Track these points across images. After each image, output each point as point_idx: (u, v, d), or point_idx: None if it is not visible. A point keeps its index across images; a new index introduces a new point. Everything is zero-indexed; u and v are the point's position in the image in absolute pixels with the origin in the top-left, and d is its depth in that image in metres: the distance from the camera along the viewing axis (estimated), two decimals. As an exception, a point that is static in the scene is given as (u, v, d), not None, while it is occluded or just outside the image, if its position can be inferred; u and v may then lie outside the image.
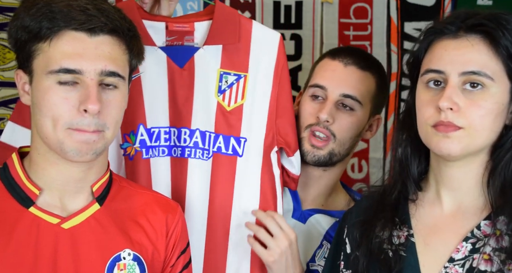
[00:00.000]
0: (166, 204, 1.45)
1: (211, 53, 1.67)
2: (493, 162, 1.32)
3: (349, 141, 1.77)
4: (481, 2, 2.55)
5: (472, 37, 1.29)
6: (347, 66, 1.77)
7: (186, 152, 1.66)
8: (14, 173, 1.33)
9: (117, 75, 1.29)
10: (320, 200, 1.83)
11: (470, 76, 1.27)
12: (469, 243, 1.29)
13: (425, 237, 1.35)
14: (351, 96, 1.74)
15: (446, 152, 1.28)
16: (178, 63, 1.66)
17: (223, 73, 1.68)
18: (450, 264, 1.29)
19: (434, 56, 1.32)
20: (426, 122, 1.30)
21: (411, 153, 1.40)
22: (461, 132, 1.27)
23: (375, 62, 1.86)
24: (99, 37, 1.28)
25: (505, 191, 1.30)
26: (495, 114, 1.28)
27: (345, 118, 1.75)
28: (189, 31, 1.66)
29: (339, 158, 1.78)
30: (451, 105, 1.26)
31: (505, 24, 1.29)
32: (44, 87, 1.26)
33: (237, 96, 1.69)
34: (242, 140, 1.68)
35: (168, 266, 1.43)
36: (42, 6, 1.26)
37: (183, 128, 1.66)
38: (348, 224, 1.46)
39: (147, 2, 1.66)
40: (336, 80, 1.76)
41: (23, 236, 1.28)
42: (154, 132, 1.64)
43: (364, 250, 1.38)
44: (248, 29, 1.70)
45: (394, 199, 1.40)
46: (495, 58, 1.28)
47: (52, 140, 1.27)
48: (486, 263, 1.26)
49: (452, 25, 1.31)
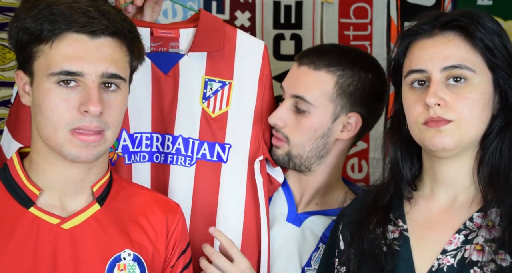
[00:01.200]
0: (166, 204, 1.46)
1: (196, 60, 1.68)
2: (482, 152, 1.34)
3: (308, 143, 1.71)
4: (481, 2, 2.54)
5: (448, 33, 1.32)
6: (300, 66, 1.72)
7: (169, 158, 1.67)
8: (14, 174, 1.34)
9: (118, 77, 1.30)
10: (314, 200, 1.80)
11: (451, 70, 1.30)
12: (461, 234, 1.31)
13: (419, 232, 1.36)
14: (299, 96, 1.69)
15: (440, 146, 1.30)
16: (162, 69, 1.66)
17: (208, 80, 1.69)
18: (442, 255, 1.31)
19: (413, 57, 1.35)
20: (416, 120, 1.32)
21: (402, 157, 1.42)
22: (452, 125, 1.29)
23: (339, 59, 1.72)
24: (100, 39, 1.28)
25: (493, 179, 1.32)
26: (482, 105, 1.31)
27: (297, 121, 1.70)
28: (174, 37, 1.66)
29: (304, 160, 1.73)
30: (438, 100, 1.29)
31: (477, 19, 1.32)
32: (45, 89, 1.27)
33: (222, 103, 1.70)
34: (226, 146, 1.69)
35: (168, 266, 1.43)
36: (43, 7, 1.27)
37: (166, 135, 1.67)
38: (342, 222, 1.49)
39: (130, 11, 1.67)
40: (289, 81, 1.73)
41: (23, 236, 1.28)
42: (137, 138, 1.65)
43: (355, 249, 1.40)
44: (232, 37, 1.71)
45: (387, 201, 1.42)
46: (473, 51, 1.31)
47: (53, 141, 1.28)
48: (478, 253, 1.28)
49: (426, 25, 1.34)
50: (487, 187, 1.33)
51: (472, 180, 1.35)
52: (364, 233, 1.40)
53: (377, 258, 1.36)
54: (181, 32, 1.67)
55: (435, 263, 1.31)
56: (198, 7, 2.54)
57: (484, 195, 1.33)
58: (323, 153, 1.75)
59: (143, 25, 1.63)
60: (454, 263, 1.29)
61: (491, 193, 1.32)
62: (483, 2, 2.54)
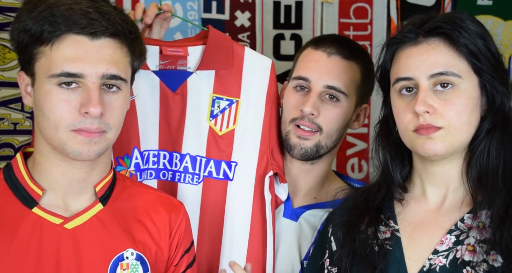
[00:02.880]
0: (170, 203, 1.46)
1: (204, 78, 1.68)
2: (470, 153, 1.37)
3: (336, 133, 1.74)
4: (481, 2, 2.55)
5: (432, 41, 1.34)
6: (331, 56, 1.73)
7: (176, 176, 1.67)
8: (18, 174, 1.34)
9: (119, 78, 1.30)
10: (312, 193, 1.82)
11: (438, 77, 1.32)
12: (453, 235, 1.33)
13: (410, 232, 1.38)
14: (335, 87, 1.71)
15: (432, 152, 1.32)
16: (170, 87, 1.67)
17: (216, 98, 1.69)
18: (434, 255, 1.33)
19: (400, 65, 1.36)
20: (406, 128, 1.35)
21: (392, 160, 1.44)
22: (442, 131, 1.31)
23: (360, 50, 1.81)
24: (101, 41, 1.28)
25: (482, 181, 1.34)
26: (470, 109, 1.33)
27: (330, 110, 1.72)
28: (182, 55, 1.67)
29: (326, 150, 1.75)
30: (427, 108, 1.31)
31: (460, 23, 1.34)
32: (46, 90, 1.27)
33: (229, 121, 1.70)
34: (233, 164, 1.69)
35: (171, 265, 1.43)
36: (43, 9, 1.27)
37: (174, 152, 1.67)
38: (332, 223, 1.50)
39: (139, 28, 1.67)
40: (320, 71, 1.72)
41: (26, 236, 1.29)
42: (145, 155, 1.66)
43: (346, 249, 1.42)
44: (240, 55, 1.71)
45: (378, 202, 1.44)
46: (458, 56, 1.33)
47: (55, 140, 1.29)
48: (470, 254, 1.30)
49: (410, 33, 1.36)
50: (476, 189, 1.35)
51: (461, 181, 1.37)
52: (356, 233, 1.41)
53: (369, 257, 1.37)
54: (190, 50, 1.68)
55: (426, 263, 1.33)
56: (198, 7, 2.54)
57: (473, 196, 1.35)
58: (338, 143, 1.79)
59: (152, 43, 1.64)
60: (446, 264, 1.31)
61: (480, 194, 1.34)
62: (483, 2, 2.54)
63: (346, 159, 2.64)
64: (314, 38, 1.90)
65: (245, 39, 2.60)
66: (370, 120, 2.60)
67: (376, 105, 2.57)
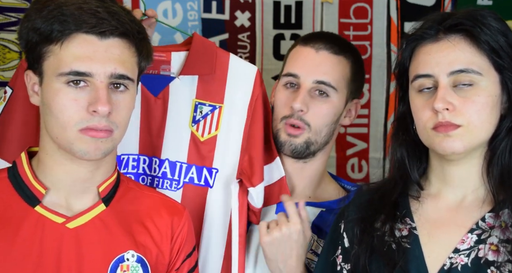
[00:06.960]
0: (173, 207, 1.46)
1: (186, 83, 1.68)
2: (491, 152, 1.35)
3: (326, 128, 1.74)
4: (481, 2, 2.54)
5: (453, 37, 1.32)
6: (319, 51, 1.73)
7: (155, 181, 1.67)
8: (22, 172, 1.35)
9: (127, 78, 1.31)
10: (307, 192, 1.80)
11: (458, 74, 1.30)
12: (474, 234, 1.32)
13: (428, 230, 1.37)
14: (324, 82, 1.71)
15: (450, 151, 1.31)
16: (152, 91, 1.67)
17: (198, 104, 1.69)
18: (455, 254, 1.31)
19: (419, 62, 1.35)
20: (425, 125, 1.33)
21: (409, 157, 1.42)
22: (461, 129, 1.30)
23: (349, 45, 1.82)
24: (109, 40, 1.29)
25: (504, 180, 1.33)
26: (490, 107, 1.31)
27: (319, 106, 1.72)
28: (165, 60, 1.67)
29: (317, 147, 1.75)
30: (446, 105, 1.29)
31: (482, 19, 1.32)
32: (54, 89, 1.28)
33: (211, 127, 1.70)
34: (213, 170, 1.69)
35: (172, 269, 1.44)
36: (53, 8, 1.28)
37: (154, 157, 1.67)
38: (345, 220, 1.48)
39: None
40: (308, 67, 1.73)
41: (28, 234, 1.30)
42: (124, 159, 1.66)
43: (364, 246, 1.40)
44: (225, 61, 1.71)
45: (394, 198, 1.42)
46: (479, 53, 1.31)
47: (62, 140, 1.30)
48: (494, 254, 1.28)
49: (430, 29, 1.34)
50: (497, 188, 1.33)
51: (481, 180, 1.36)
52: (372, 230, 1.40)
53: (388, 254, 1.36)
54: (173, 55, 1.68)
55: (447, 261, 1.31)
56: (198, 7, 2.54)
57: (495, 195, 1.33)
58: (329, 139, 1.78)
59: None
60: (468, 263, 1.29)
61: (502, 193, 1.33)
62: (483, 2, 2.54)
63: (346, 159, 2.64)
64: (303, 36, 1.91)
65: (245, 39, 2.60)
66: (370, 120, 2.61)
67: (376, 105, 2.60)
